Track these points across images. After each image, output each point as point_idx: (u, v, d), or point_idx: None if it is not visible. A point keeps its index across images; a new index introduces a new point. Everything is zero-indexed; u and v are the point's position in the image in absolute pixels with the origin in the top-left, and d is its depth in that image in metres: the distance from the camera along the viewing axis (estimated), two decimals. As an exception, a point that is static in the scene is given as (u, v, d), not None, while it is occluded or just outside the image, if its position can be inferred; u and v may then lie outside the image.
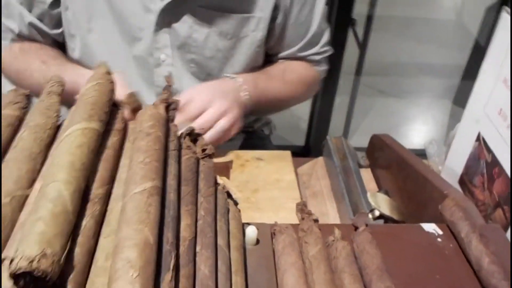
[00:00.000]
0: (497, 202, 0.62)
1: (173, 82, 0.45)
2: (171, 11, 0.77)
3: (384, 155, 0.81)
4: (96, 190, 0.33)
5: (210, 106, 0.69)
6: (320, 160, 0.87)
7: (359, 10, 1.72)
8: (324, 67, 0.97)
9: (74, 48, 0.82)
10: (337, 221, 0.75)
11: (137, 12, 0.76)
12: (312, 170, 0.87)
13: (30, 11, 0.79)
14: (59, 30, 0.82)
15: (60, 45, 0.85)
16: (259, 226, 0.48)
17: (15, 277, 0.25)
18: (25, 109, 0.40)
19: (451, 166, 0.75)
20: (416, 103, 2.57)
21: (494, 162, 0.62)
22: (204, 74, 0.84)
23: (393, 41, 2.88)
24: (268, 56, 0.92)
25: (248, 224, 0.48)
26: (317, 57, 0.93)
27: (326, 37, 0.92)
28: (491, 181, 0.63)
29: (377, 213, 0.65)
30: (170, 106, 0.43)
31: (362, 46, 1.90)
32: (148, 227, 0.29)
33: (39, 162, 0.35)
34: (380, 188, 0.80)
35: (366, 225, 0.50)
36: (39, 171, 0.34)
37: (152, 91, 0.84)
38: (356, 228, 0.50)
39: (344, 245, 0.45)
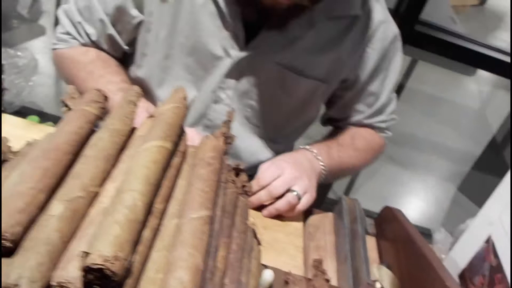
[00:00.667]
0: (491, 306, 0.65)
1: (233, 118, 0.48)
2: (247, 61, 0.79)
3: (392, 228, 0.84)
4: (158, 204, 0.36)
5: (283, 174, 0.73)
6: (330, 216, 0.90)
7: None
8: (389, 134, 0.98)
9: (142, 66, 0.84)
10: (334, 281, 0.77)
11: (215, 52, 0.78)
12: (320, 223, 0.89)
13: (113, 24, 0.80)
14: (128, 48, 0.84)
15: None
16: (274, 270, 0.51)
17: (87, 270, 0.28)
18: (104, 109, 0.44)
19: (455, 258, 0.77)
20: (421, 179, 2.60)
21: (498, 268, 0.64)
22: (256, 119, 0.87)
23: (414, 114, 2.94)
24: (335, 121, 0.95)
25: (265, 266, 0.51)
26: (383, 125, 0.94)
27: (393, 105, 0.94)
28: (491, 285, 0.65)
29: (378, 285, 0.67)
30: (227, 140, 0.47)
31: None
32: (201, 254, 0.32)
33: (112, 164, 0.38)
34: (381, 259, 0.83)
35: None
36: (109, 172, 0.37)
37: (202, 122, 0.87)
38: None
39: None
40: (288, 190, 0.74)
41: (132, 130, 0.42)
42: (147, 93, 0.86)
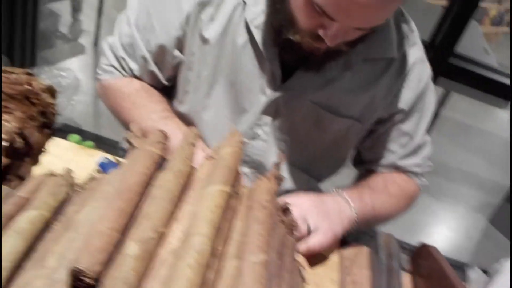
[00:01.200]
0: None
1: (284, 160, 0.51)
2: (283, 99, 0.81)
3: (428, 265, 0.84)
4: (220, 247, 0.38)
5: (300, 205, 0.72)
6: (365, 250, 0.90)
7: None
8: (424, 182, 0.95)
9: (183, 102, 0.87)
10: (370, 316, 0.77)
11: (252, 91, 0.81)
12: (356, 257, 0.90)
13: (155, 61, 0.83)
14: (168, 83, 0.88)
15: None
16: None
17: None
18: (165, 150, 0.47)
19: (490, 298, 0.77)
20: (452, 209, 2.57)
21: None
22: (290, 155, 0.89)
23: (445, 142, 2.91)
24: (367, 163, 0.94)
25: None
26: (418, 169, 0.92)
27: (428, 150, 0.93)
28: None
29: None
30: (279, 181, 0.49)
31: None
32: (261, 297, 0.34)
33: (176, 205, 0.40)
34: (416, 296, 0.83)
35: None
36: (174, 212, 0.40)
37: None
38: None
39: None
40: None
41: (192, 169, 0.45)
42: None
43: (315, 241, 0.72)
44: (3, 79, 0.74)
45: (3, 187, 0.54)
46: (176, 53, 0.83)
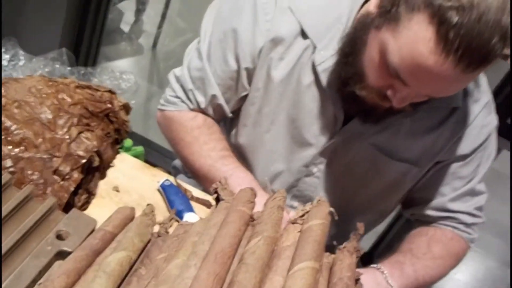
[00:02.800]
0: None
1: (362, 230, 0.52)
2: (342, 141, 0.82)
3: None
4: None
5: None
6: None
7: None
8: (474, 235, 0.91)
9: (241, 135, 0.89)
10: None
11: (312, 130, 0.83)
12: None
13: (223, 94, 0.85)
14: (232, 115, 0.89)
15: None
16: None
17: None
18: (253, 207, 0.48)
19: None
20: (481, 261, 2.51)
21: None
22: (344, 196, 0.90)
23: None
24: (416, 206, 0.92)
25: None
26: (468, 219, 0.89)
27: (482, 200, 0.90)
28: None
29: None
30: (358, 254, 0.50)
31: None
32: None
33: (264, 272, 0.42)
34: None
35: None
36: (263, 280, 0.42)
37: (291, 192, 0.92)
38: None
39: None
40: None
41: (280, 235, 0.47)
42: (243, 159, 0.92)
43: None
44: (88, 96, 0.78)
45: (51, 197, 0.53)
46: (246, 86, 0.85)
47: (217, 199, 0.55)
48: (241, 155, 0.92)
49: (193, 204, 0.85)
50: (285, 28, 0.79)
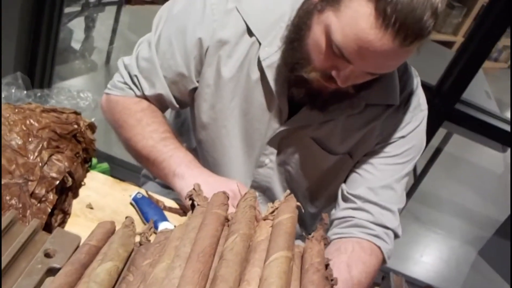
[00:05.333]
0: None
1: (328, 221, 0.57)
2: (287, 133, 0.89)
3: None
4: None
5: None
6: (377, 290, 0.97)
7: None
8: (390, 247, 0.89)
9: (200, 133, 0.94)
10: None
11: (262, 123, 0.89)
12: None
13: (169, 86, 0.89)
14: (180, 108, 0.94)
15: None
16: None
17: None
18: (227, 209, 0.53)
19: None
20: (443, 241, 2.64)
21: None
22: (293, 183, 0.97)
23: (441, 175, 3.00)
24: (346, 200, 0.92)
25: None
26: (383, 212, 0.88)
27: (397, 204, 0.90)
28: None
29: None
30: (326, 242, 0.55)
31: (420, 176, 2.04)
32: None
33: (243, 266, 0.47)
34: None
35: None
36: (242, 273, 0.46)
37: (250, 185, 0.98)
38: None
39: None
40: None
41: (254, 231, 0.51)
42: (204, 157, 0.97)
43: None
44: (54, 119, 0.80)
45: (35, 220, 0.56)
46: (194, 81, 0.89)
47: (192, 205, 0.59)
48: (203, 154, 0.98)
49: (166, 213, 0.88)
50: (231, 29, 0.84)
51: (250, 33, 0.84)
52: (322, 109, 0.85)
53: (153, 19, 0.92)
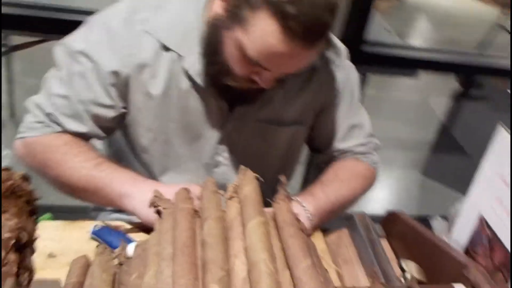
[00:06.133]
0: (497, 267, 0.80)
1: (285, 181, 0.61)
2: (233, 126, 0.90)
3: (399, 228, 0.99)
4: (274, 264, 0.48)
5: None
6: (345, 231, 1.03)
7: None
8: (374, 158, 1.03)
9: (142, 156, 0.94)
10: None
11: (205, 127, 0.90)
12: (339, 240, 1.02)
13: (91, 117, 0.86)
14: (108, 135, 0.91)
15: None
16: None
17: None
18: (193, 201, 0.55)
19: (456, 238, 0.93)
20: (391, 174, 2.82)
21: (495, 238, 0.80)
22: (250, 169, 0.99)
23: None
24: (319, 152, 1.03)
25: None
26: (363, 149, 1.01)
27: (367, 126, 1.02)
28: (492, 251, 0.81)
29: (409, 275, 0.81)
30: (290, 200, 0.59)
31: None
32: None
33: (226, 244, 0.49)
34: (397, 255, 0.97)
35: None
36: (227, 250, 0.49)
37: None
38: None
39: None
40: None
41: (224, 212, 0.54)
42: (153, 178, 0.95)
43: None
44: (-15, 182, 0.76)
45: (8, 279, 0.55)
46: (119, 108, 0.87)
47: (158, 212, 0.60)
48: (151, 176, 0.96)
49: (131, 234, 0.87)
50: (146, 50, 0.83)
51: (166, 48, 0.84)
52: (255, 101, 0.89)
53: (53, 56, 0.87)
